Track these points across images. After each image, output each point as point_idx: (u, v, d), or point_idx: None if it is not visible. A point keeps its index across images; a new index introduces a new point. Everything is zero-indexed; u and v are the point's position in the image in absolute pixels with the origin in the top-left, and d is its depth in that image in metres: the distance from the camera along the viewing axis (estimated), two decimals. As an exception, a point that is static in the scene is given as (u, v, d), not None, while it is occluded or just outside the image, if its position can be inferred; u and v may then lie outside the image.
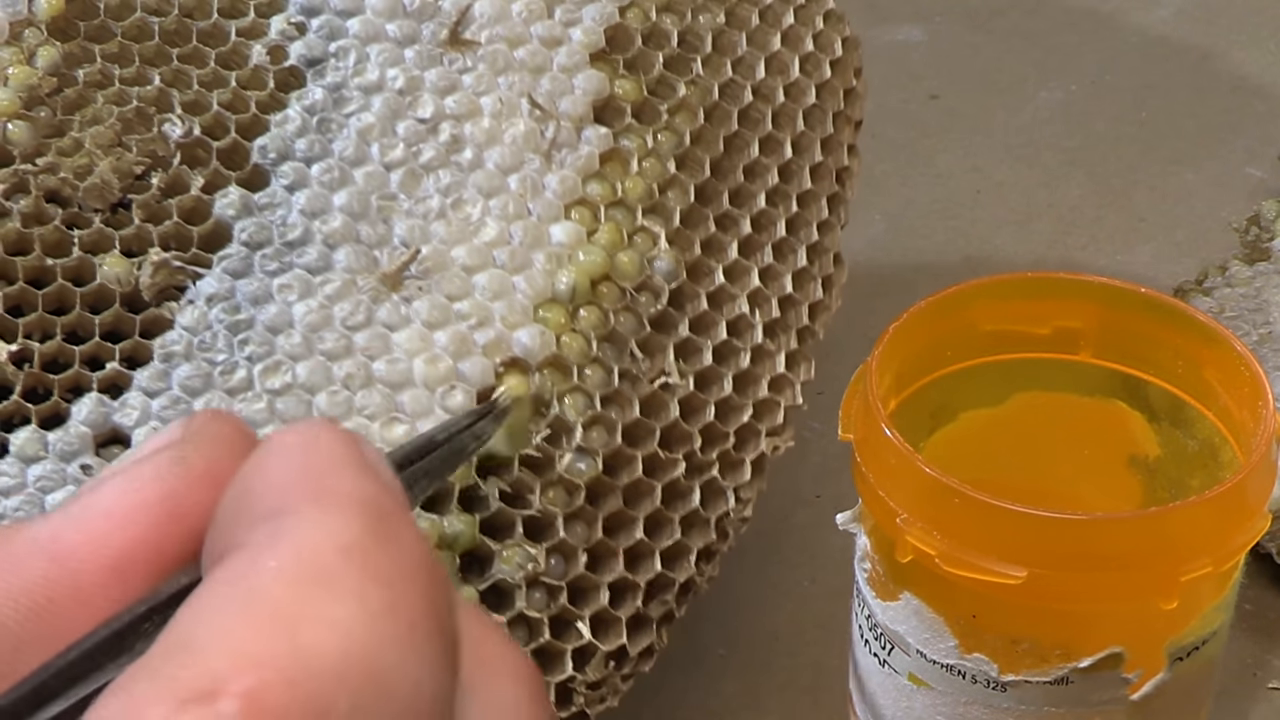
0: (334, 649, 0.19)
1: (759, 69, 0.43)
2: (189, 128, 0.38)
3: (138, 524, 0.22)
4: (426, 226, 0.38)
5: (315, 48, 0.39)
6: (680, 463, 0.39)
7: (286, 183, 0.38)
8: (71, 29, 0.38)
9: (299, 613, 0.19)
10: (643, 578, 0.39)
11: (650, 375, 0.39)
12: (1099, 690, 0.36)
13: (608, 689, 0.38)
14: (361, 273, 0.37)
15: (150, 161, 0.37)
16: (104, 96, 0.38)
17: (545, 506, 0.37)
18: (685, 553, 0.39)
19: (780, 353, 0.41)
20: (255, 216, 0.37)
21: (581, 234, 0.39)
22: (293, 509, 0.21)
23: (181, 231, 0.37)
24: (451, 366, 0.37)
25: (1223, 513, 0.35)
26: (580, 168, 0.40)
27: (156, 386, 0.36)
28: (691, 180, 0.41)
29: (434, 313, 0.37)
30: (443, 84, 0.40)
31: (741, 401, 0.41)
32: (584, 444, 0.38)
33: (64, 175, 0.37)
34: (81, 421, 0.35)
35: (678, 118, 0.41)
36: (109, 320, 0.36)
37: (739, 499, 0.40)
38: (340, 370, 0.37)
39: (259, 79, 0.39)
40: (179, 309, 0.37)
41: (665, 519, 0.39)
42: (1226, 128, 0.65)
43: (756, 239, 0.42)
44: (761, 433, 0.41)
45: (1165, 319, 0.39)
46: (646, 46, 0.41)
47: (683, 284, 0.40)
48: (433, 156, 0.39)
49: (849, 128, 0.45)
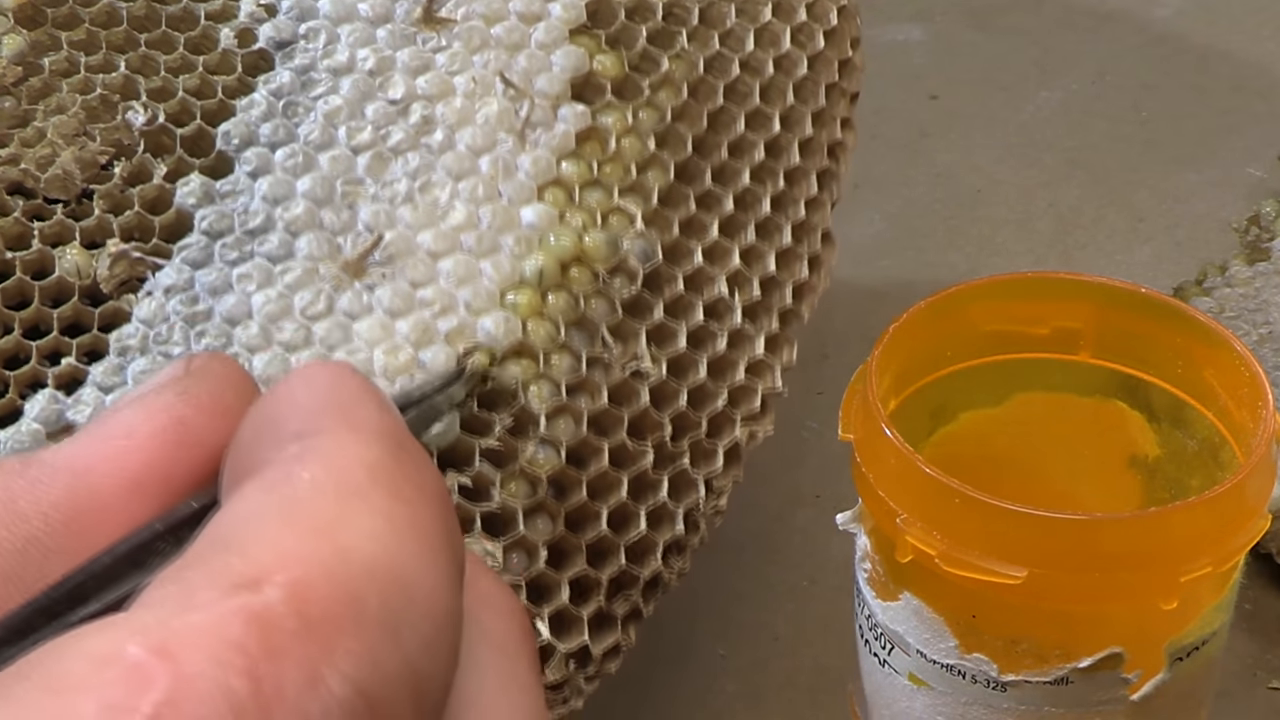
0: (367, 552, 0.21)
1: (748, 41, 0.41)
2: (153, 115, 0.37)
3: (149, 448, 0.24)
4: (393, 211, 0.37)
5: (285, 29, 0.38)
6: (649, 452, 0.38)
7: (250, 169, 0.37)
8: (39, 16, 0.37)
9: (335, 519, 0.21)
10: (606, 574, 0.37)
11: (621, 362, 0.38)
12: (1099, 690, 0.36)
13: (570, 690, 0.37)
14: (324, 260, 0.36)
15: (114, 150, 0.36)
16: (69, 85, 0.37)
17: (505, 500, 0.36)
18: (652, 547, 0.38)
19: (760, 335, 0.40)
20: (216, 204, 0.37)
21: (553, 216, 0.38)
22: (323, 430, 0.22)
23: (143, 221, 0.36)
24: (413, 356, 0.36)
25: (1223, 513, 0.35)
26: (555, 147, 0.38)
27: (111, 381, 0.35)
28: (673, 158, 0.40)
29: (397, 300, 0.36)
30: (415, 64, 0.38)
31: (716, 387, 0.39)
32: (548, 434, 0.37)
33: (25, 166, 0.36)
34: (34, 419, 0.35)
35: (660, 93, 0.40)
36: (69, 314, 0.36)
37: (711, 489, 0.39)
38: (298, 361, 0.36)
39: (228, 63, 0.38)
40: (137, 301, 0.36)
41: (631, 512, 0.38)
42: (1226, 128, 0.64)
43: (739, 218, 0.40)
44: (737, 420, 0.39)
45: (1165, 319, 0.39)
46: (630, 20, 0.40)
47: (659, 266, 0.39)
48: (402, 139, 0.38)
49: (844, 100, 0.43)
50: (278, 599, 0.20)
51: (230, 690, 0.19)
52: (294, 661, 0.20)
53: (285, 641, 0.20)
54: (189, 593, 0.20)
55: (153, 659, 0.19)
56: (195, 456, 0.24)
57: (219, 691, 0.19)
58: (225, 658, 0.19)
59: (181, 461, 0.24)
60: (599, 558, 0.37)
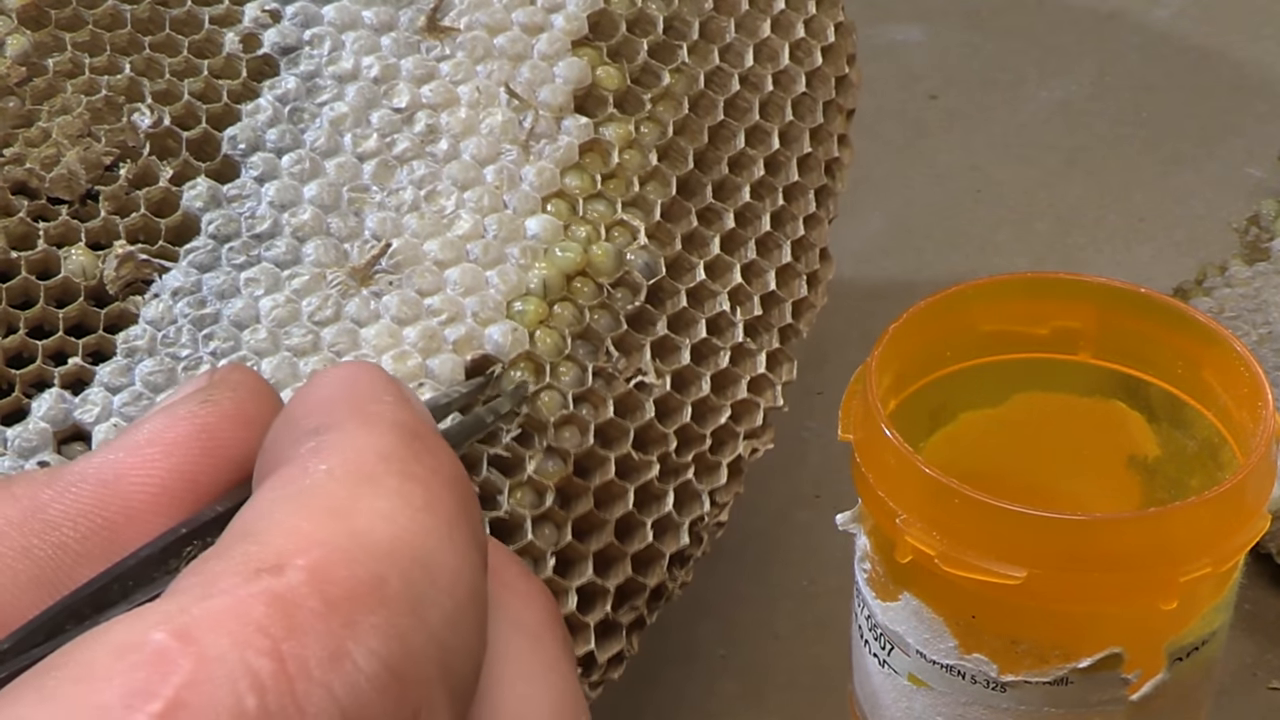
0: (384, 534, 0.21)
1: (747, 56, 0.42)
2: (158, 117, 0.37)
3: (176, 456, 0.24)
4: (399, 219, 0.37)
5: (289, 35, 0.38)
6: (654, 465, 0.38)
7: (256, 174, 0.37)
8: (43, 17, 0.37)
9: (351, 505, 0.22)
10: (612, 583, 0.38)
11: (626, 374, 0.38)
12: (1098, 691, 0.36)
13: None
14: (331, 266, 0.36)
15: (119, 152, 0.36)
16: (73, 86, 0.37)
17: (513, 508, 0.36)
18: (658, 558, 0.38)
19: (761, 352, 0.40)
20: (224, 209, 0.37)
21: (558, 228, 0.38)
22: (336, 425, 0.23)
23: (149, 224, 0.36)
24: (421, 364, 0.36)
25: (1222, 513, 0.35)
26: (559, 159, 0.39)
27: (119, 382, 0.35)
28: (674, 172, 0.40)
29: (404, 308, 0.37)
30: (419, 72, 0.39)
31: (720, 403, 0.39)
32: (555, 444, 0.37)
33: (30, 166, 0.36)
34: (41, 418, 0.35)
35: (661, 107, 0.40)
36: (74, 314, 0.36)
37: (714, 503, 0.39)
38: (306, 366, 0.36)
39: (232, 68, 0.38)
40: (144, 303, 0.36)
41: (637, 522, 0.38)
42: (1226, 128, 0.64)
43: (740, 234, 0.41)
44: (740, 435, 0.40)
45: (1165, 319, 0.39)
46: (631, 33, 0.40)
47: (662, 280, 0.39)
48: (407, 147, 0.38)
49: (840, 117, 0.43)
50: (299, 580, 0.21)
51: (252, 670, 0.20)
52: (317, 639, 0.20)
53: (308, 620, 0.20)
54: (211, 580, 0.21)
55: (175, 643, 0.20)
56: (221, 463, 0.25)
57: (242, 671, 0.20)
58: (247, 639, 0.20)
59: (207, 468, 0.25)
60: (605, 567, 0.38)
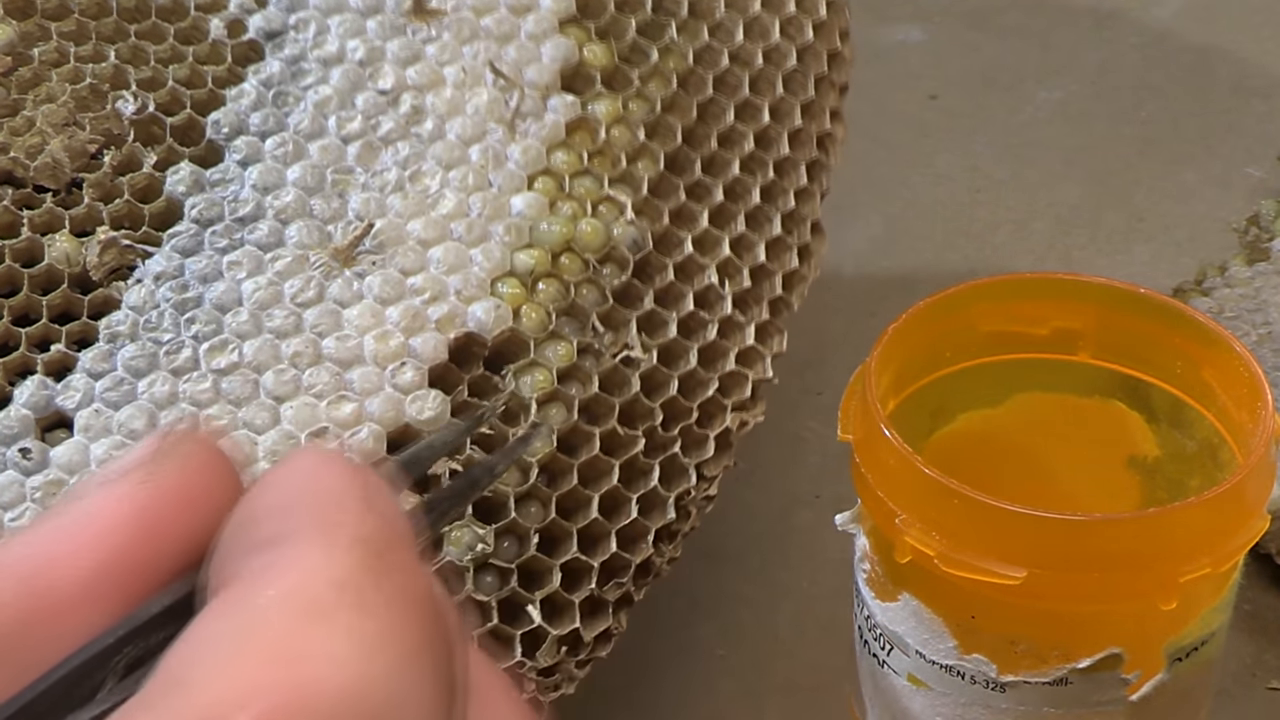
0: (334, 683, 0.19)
1: (737, 33, 0.42)
2: (143, 104, 0.37)
3: (108, 544, 0.21)
4: (383, 200, 0.37)
5: (275, 20, 0.38)
6: (640, 440, 0.38)
7: (239, 157, 0.37)
8: (29, 7, 0.37)
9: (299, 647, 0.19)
10: (598, 559, 0.37)
11: (612, 350, 0.38)
12: (1098, 691, 0.36)
13: (561, 675, 0.37)
14: (314, 248, 0.37)
15: (104, 139, 0.37)
16: (59, 74, 0.37)
17: (497, 486, 0.36)
18: (643, 533, 0.38)
19: (750, 324, 0.40)
20: (206, 193, 0.37)
21: (544, 205, 0.38)
22: (291, 536, 0.20)
23: (133, 210, 0.36)
24: (403, 343, 0.36)
25: (1222, 513, 0.35)
26: (545, 137, 0.39)
27: (101, 368, 0.35)
28: (662, 148, 0.40)
29: (387, 288, 0.37)
30: (405, 54, 0.39)
31: (707, 376, 0.39)
32: (539, 421, 0.37)
33: (14, 155, 0.36)
34: (23, 404, 0.35)
35: (650, 84, 0.40)
36: (58, 301, 0.36)
37: (702, 477, 0.39)
38: (288, 348, 0.36)
39: (217, 54, 0.38)
40: (126, 288, 0.36)
41: (623, 498, 0.38)
42: (1226, 128, 0.64)
43: (729, 208, 0.41)
44: (728, 408, 0.40)
45: (1164, 319, 0.39)
46: (620, 12, 0.40)
47: (649, 255, 0.39)
48: (392, 128, 0.38)
49: (833, 92, 0.43)
50: None
51: None
52: None
53: None
54: None
55: None
56: (160, 551, 0.22)
57: None
58: None
59: (145, 555, 0.22)
60: (590, 544, 0.38)
